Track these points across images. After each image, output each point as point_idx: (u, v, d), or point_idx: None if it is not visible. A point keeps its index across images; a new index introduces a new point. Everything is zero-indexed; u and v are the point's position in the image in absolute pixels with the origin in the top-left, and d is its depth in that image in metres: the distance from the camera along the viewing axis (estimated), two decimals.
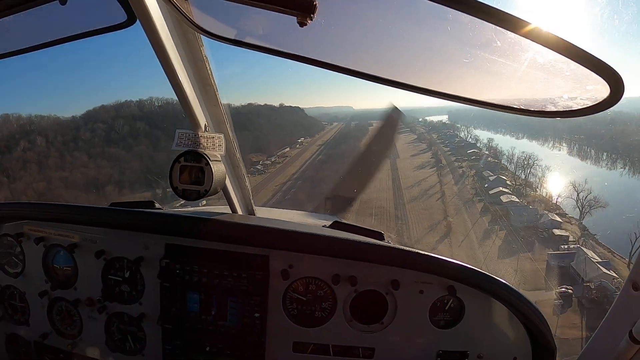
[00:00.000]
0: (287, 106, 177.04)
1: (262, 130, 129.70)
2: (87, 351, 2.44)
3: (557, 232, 55.37)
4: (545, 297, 41.99)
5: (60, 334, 2.48)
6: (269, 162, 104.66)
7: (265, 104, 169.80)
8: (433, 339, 2.28)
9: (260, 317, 2.23)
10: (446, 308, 2.31)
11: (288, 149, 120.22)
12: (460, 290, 2.22)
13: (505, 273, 47.00)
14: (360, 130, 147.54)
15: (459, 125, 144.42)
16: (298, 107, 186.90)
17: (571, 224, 59.84)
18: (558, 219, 58.49)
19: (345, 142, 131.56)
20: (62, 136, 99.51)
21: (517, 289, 2.24)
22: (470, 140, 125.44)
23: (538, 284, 45.48)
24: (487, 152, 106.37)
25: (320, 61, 1.44)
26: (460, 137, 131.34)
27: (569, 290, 42.97)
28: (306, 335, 2.28)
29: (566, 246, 52.48)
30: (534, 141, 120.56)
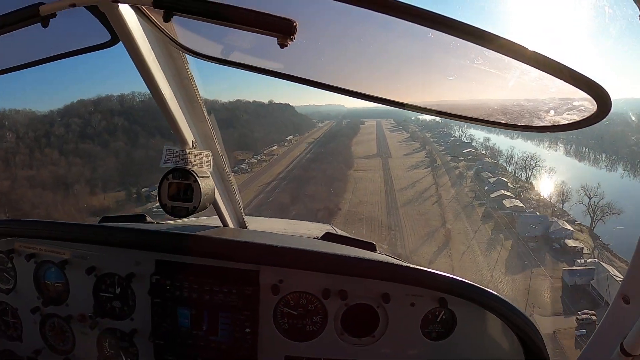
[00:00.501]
0: (277, 103, 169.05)
1: (250, 127, 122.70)
2: None
3: (570, 243, 48.49)
4: (565, 325, 34.85)
5: (53, 350, 2.44)
6: (254, 160, 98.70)
7: (255, 101, 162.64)
8: (425, 351, 2.23)
9: (251, 331, 2.20)
10: (438, 320, 2.24)
11: (276, 146, 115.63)
12: (451, 302, 2.16)
13: (516, 292, 39.83)
14: (351, 129, 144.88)
15: (452, 124, 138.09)
16: (288, 104, 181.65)
17: (582, 233, 53.02)
18: (568, 227, 51.59)
19: (335, 140, 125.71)
20: (33, 132, 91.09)
21: (508, 300, 2.15)
22: (464, 139, 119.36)
23: (555, 307, 38.30)
24: (484, 152, 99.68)
25: (305, 79, 1.45)
26: (454, 136, 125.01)
27: (592, 317, 35.68)
28: (297, 350, 2.24)
29: (582, 260, 45.55)
30: (529, 141, 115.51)
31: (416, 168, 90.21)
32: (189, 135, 2.16)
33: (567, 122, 1.26)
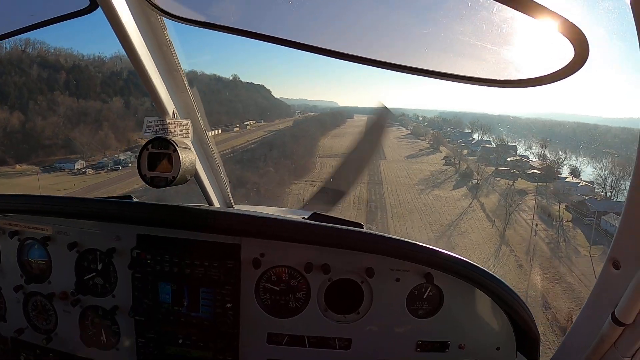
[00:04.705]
0: (247, 82, 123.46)
1: None
2: (62, 346, 2.19)
3: None
4: None
5: (35, 329, 2.24)
6: None
7: (215, 74, 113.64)
8: (412, 329, 2.02)
9: (233, 307, 1.99)
10: (424, 297, 2.03)
11: (218, 131, 70.67)
12: (438, 277, 1.95)
13: None
14: (334, 119, 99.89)
15: (465, 121, 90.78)
16: (262, 85, 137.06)
17: None
18: None
19: (307, 129, 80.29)
20: None
21: (497, 276, 1.91)
22: (491, 141, 69.57)
23: None
24: (548, 164, 49.26)
25: (290, 41, 1.33)
26: (473, 137, 75.98)
27: None
28: (280, 326, 2.04)
29: None
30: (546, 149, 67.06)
31: (436, 186, 39.41)
32: (169, 105, 1.95)
33: (545, 73, 1.10)
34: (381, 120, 3.24)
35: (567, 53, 1.01)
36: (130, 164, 49.24)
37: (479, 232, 28.86)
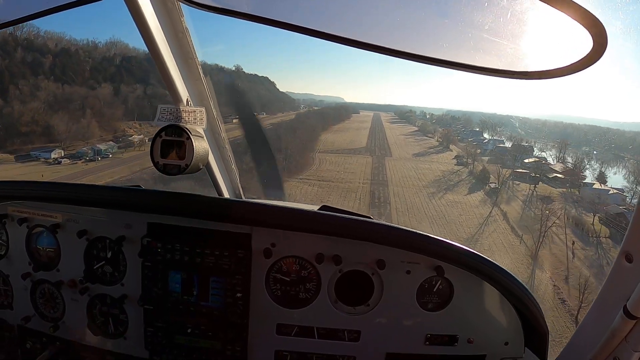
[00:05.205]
0: (251, 74, 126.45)
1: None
2: (69, 334, 2.19)
3: None
4: None
5: (43, 317, 2.24)
6: (141, 136, 52.61)
7: (217, 64, 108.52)
8: (421, 322, 2.02)
9: (243, 297, 2.01)
10: (434, 290, 2.02)
11: None
12: (448, 271, 1.96)
13: None
14: (338, 113, 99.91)
15: (474, 119, 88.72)
16: (267, 78, 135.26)
17: None
18: None
19: (306, 124, 76.71)
20: None
21: (508, 270, 1.91)
22: (504, 141, 66.43)
23: None
24: (569, 166, 44.09)
25: (303, 27, 1.31)
26: (484, 136, 73.05)
27: None
28: (290, 317, 2.04)
29: None
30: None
31: (448, 189, 34.79)
32: (183, 92, 1.94)
33: (562, 65, 1.08)
34: None
35: (585, 45, 1.00)
36: (110, 155, 44.86)
37: (506, 250, 24.64)
